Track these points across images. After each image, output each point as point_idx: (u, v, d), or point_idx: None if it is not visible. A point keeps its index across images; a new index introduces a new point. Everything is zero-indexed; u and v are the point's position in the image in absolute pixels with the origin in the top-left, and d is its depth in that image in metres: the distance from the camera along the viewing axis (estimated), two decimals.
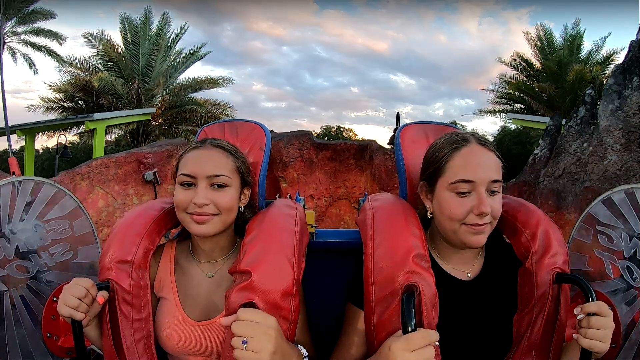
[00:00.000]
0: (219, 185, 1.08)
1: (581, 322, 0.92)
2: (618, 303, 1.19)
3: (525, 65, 15.37)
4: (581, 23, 14.58)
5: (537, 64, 15.11)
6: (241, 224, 1.16)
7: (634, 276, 1.20)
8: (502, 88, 15.92)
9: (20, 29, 15.80)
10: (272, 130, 6.77)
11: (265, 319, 0.89)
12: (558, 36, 14.97)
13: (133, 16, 15.02)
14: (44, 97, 15.00)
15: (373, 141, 6.38)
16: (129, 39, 14.78)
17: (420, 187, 1.12)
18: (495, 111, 16.42)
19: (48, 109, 14.97)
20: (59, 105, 15.06)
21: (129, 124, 13.43)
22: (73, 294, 0.93)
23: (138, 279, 1.06)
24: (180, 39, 15.77)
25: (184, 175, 1.08)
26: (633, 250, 1.22)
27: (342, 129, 31.78)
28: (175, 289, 1.12)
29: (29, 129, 11.57)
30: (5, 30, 14.79)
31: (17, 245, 1.29)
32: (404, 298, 0.85)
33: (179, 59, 15.89)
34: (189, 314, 1.09)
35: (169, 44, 15.48)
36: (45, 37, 15.96)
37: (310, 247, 1.19)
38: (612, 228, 1.24)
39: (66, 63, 14.97)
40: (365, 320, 1.02)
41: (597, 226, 1.26)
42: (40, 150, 20.02)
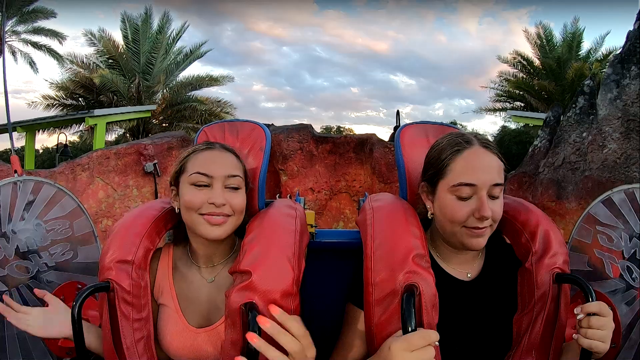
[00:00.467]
0: (233, 186, 1.08)
1: (581, 322, 0.92)
2: (618, 303, 1.19)
3: (524, 63, 15.34)
4: (580, 22, 14.57)
5: (537, 61, 15.09)
6: (239, 226, 1.15)
7: (634, 276, 1.20)
8: (502, 86, 15.91)
9: (20, 28, 15.81)
10: (272, 124, 6.74)
11: (306, 337, 0.92)
12: (558, 34, 14.99)
13: (134, 14, 15.04)
14: (45, 95, 15.02)
15: (373, 134, 6.30)
16: (130, 36, 14.76)
17: (421, 188, 1.12)
18: (495, 109, 16.41)
19: (48, 106, 14.97)
20: (60, 102, 15.05)
21: (129, 121, 13.42)
22: None
23: (138, 279, 1.06)
24: (180, 38, 15.79)
25: (200, 174, 1.06)
26: (633, 250, 1.22)
27: (342, 129, 31.76)
28: (175, 296, 1.11)
29: (29, 126, 11.57)
30: (6, 29, 14.76)
31: (17, 245, 1.29)
32: (404, 298, 0.86)
33: (179, 57, 15.88)
34: (190, 321, 1.08)
35: (170, 42, 15.46)
36: (45, 36, 15.98)
37: (310, 247, 1.19)
38: (612, 228, 1.24)
39: (67, 60, 14.98)
40: (365, 321, 1.01)
41: (597, 226, 1.25)
42: (41, 150, 20.02)
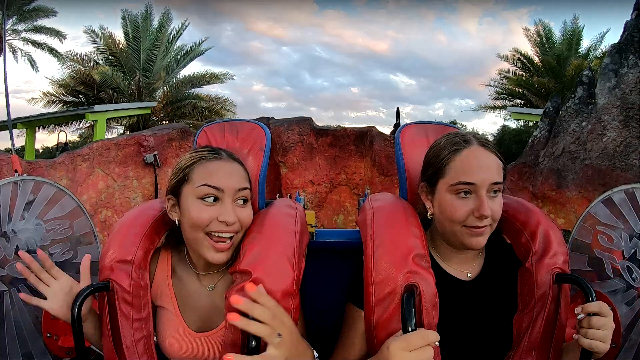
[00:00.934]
0: (242, 200, 1.04)
1: (581, 322, 0.93)
2: (618, 303, 1.18)
3: (524, 60, 15.30)
4: (580, 20, 14.51)
5: (537, 59, 15.04)
6: None
7: (634, 276, 1.20)
8: (502, 84, 15.87)
9: (20, 27, 15.78)
10: (272, 117, 6.69)
11: (278, 307, 0.90)
12: (557, 32, 14.94)
13: (134, 12, 15.00)
14: (45, 91, 14.99)
15: (373, 127, 6.25)
16: (130, 33, 14.73)
17: (420, 188, 1.12)
18: (495, 107, 16.37)
19: (49, 103, 14.93)
20: (60, 99, 15.02)
21: (130, 118, 13.40)
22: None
23: (138, 279, 1.06)
24: (180, 37, 15.75)
25: (210, 186, 0.99)
26: (633, 250, 1.22)
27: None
28: (175, 300, 1.10)
29: (30, 122, 11.57)
30: (6, 28, 14.74)
31: (17, 245, 1.28)
32: (404, 298, 0.86)
33: (180, 54, 15.85)
34: (189, 325, 1.08)
35: (170, 40, 15.43)
36: (46, 35, 15.94)
37: (310, 247, 1.19)
38: (612, 228, 1.24)
39: (67, 58, 14.94)
40: (365, 321, 1.01)
41: (597, 226, 1.25)
42: (41, 150, 20.01)
